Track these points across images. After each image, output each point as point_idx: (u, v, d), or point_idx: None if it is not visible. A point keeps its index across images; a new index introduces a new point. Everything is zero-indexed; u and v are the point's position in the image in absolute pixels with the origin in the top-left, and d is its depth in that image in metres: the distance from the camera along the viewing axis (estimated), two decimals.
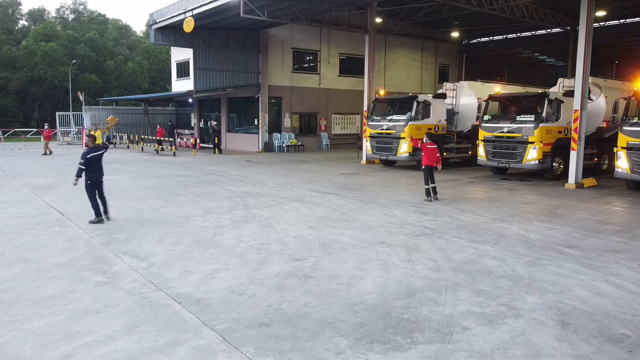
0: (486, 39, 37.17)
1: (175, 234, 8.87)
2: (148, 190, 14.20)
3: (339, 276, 6.57)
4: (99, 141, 22.76)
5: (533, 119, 15.73)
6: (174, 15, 22.75)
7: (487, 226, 9.66)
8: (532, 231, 9.23)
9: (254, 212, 10.94)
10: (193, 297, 5.80)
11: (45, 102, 63.49)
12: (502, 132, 16.30)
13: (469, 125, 19.79)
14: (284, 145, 28.44)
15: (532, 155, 15.65)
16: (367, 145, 20.46)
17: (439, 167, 12.39)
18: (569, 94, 16.32)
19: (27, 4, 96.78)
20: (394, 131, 18.97)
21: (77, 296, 5.81)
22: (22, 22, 70.92)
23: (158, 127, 31.46)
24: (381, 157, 19.90)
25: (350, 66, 31.91)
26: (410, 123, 18.51)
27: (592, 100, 16.12)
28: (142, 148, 29.87)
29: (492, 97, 17.43)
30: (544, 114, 15.58)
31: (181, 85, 34.53)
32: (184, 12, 21.58)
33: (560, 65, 38.48)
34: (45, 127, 28.75)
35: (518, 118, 16.15)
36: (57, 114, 37.06)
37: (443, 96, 19.88)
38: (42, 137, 29.22)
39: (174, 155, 26.06)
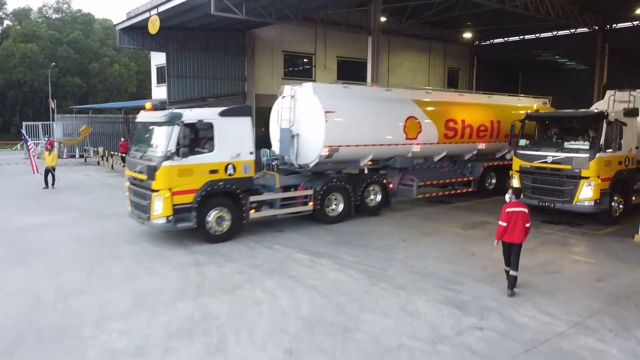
0: (500, 40, 33.59)
1: None
2: (78, 247, 10.55)
3: None
4: (52, 164, 19.28)
5: (587, 147, 12.12)
6: (138, 13, 19.15)
7: (567, 346, 6.06)
8: None
9: (208, 304, 7.32)
10: None
11: (26, 107, 59.83)
12: (545, 162, 12.68)
13: (315, 156, 12.31)
14: (273, 163, 24.74)
15: (586, 194, 12.02)
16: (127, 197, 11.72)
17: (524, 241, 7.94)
18: (631, 113, 12.76)
19: (12, 3, 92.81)
20: (144, 176, 10.42)
21: None
22: (7, 22, 67.43)
23: (122, 140, 27.83)
24: (138, 219, 11.03)
25: (350, 71, 28.23)
26: (165, 164, 9.90)
27: None
28: (112, 166, 26.17)
29: (529, 116, 13.82)
30: (602, 141, 11.97)
31: (162, 92, 30.86)
32: (149, 10, 17.97)
33: (581, 70, 34.92)
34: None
35: (566, 145, 12.52)
36: (24, 124, 33.31)
37: (242, 112, 11.34)
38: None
39: None
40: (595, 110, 12.65)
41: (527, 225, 7.79)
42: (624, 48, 28.70)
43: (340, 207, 12.90)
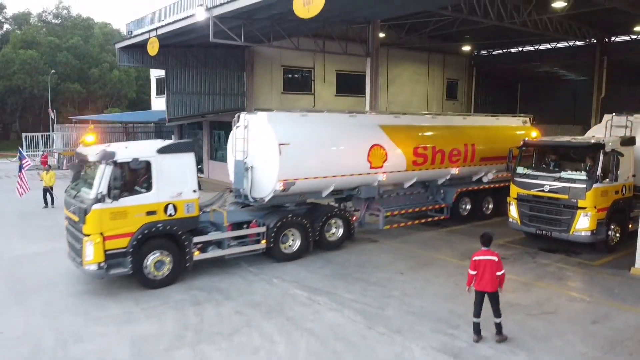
0: (499, 51, 33.70)
1: None
2: (77, 282, 10.60)
3: None
4: (50, 183, 19.35)
5: (584, 177, 12.18)
6: (137, 34, 19.23)
7: None
8: None
9: (206, 352, 7.39)
10: None
11: (25, 113, 60.06)
12: (542, 191, 12.75)
13: (269, 190, 11.64)
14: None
15: (582, 224, 12.08)
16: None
17: (502, 288, 7.84)
18: (628, 142, 12.83)
19: (12, 8, 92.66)
20: (76, 218, 9.87)
21: None
22: (7, 26, 67.52)
23: None
24: (74, 262, 10.39)
25: (349, 84, 28.31)
26: (95, 207, 9.27)
27: None
28: None
29: (526, 144, 13.89)
30: (598, 172, 12.03)
31: (161, 104, 30.95)
32: (148, 32, 18.04)
33: (580, 80, 34.98)
34: None
35: (563, 174, 12.59)
36: (24, 135, 33.45)
37: (183, 148, 10.59)
38: None
39: None
40: (592, 141, 12.70)
41: (499, 273, 7.64)
42: (622, 60, 28.79)
43: (297, 243, 12.10)
